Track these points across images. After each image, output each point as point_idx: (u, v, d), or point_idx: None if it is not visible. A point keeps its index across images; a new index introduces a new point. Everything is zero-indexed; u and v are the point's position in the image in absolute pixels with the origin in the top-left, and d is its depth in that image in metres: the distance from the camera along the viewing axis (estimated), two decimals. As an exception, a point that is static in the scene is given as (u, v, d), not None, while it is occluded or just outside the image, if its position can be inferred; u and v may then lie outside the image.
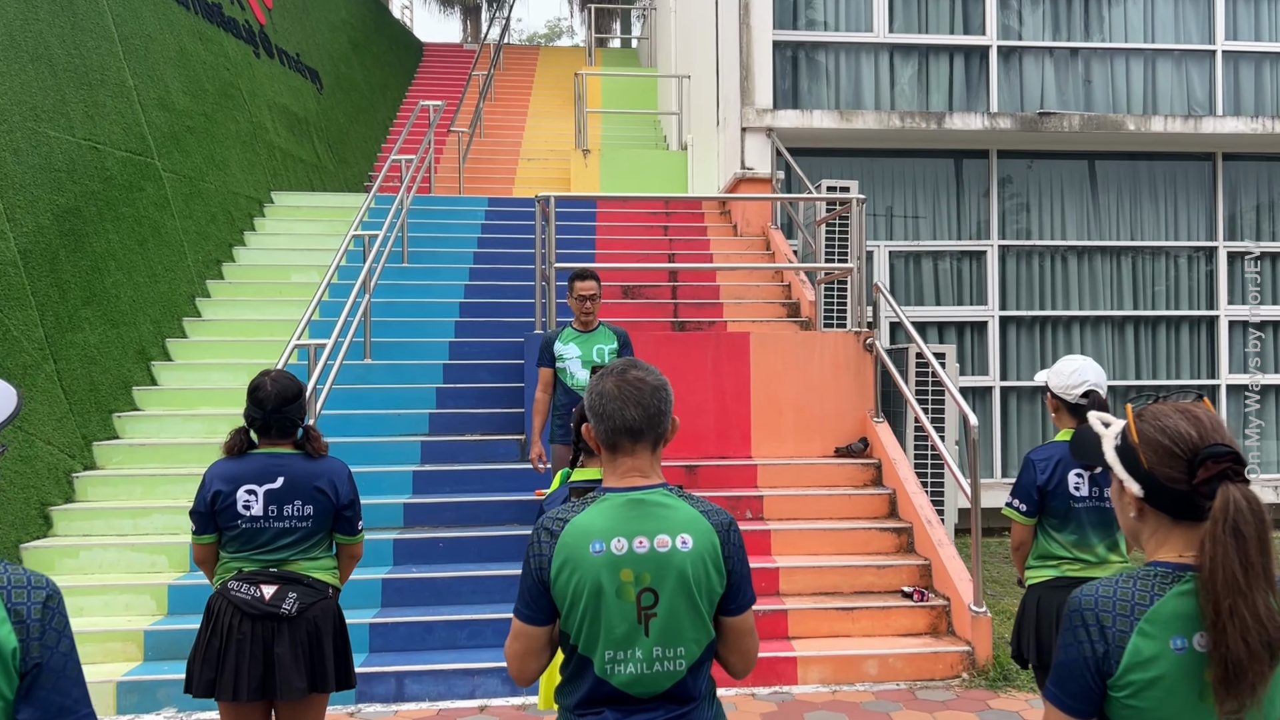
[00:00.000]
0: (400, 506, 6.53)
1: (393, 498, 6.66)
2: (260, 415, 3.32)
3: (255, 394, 3.33)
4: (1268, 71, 11.15)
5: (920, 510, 6.39)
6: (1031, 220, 11.02)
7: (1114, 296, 11.04)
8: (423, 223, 10.37)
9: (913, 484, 6.63)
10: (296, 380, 3.39)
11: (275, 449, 3.36)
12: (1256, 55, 11.11)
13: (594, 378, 2.18)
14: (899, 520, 6.62)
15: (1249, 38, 11.13)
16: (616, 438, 2.09)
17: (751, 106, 10.25)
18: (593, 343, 5.80)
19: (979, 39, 10.89)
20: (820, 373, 7.32)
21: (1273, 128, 10.51)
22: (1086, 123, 10.43)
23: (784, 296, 9.31)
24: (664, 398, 2.10)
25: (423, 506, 6.55)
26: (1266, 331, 11.11)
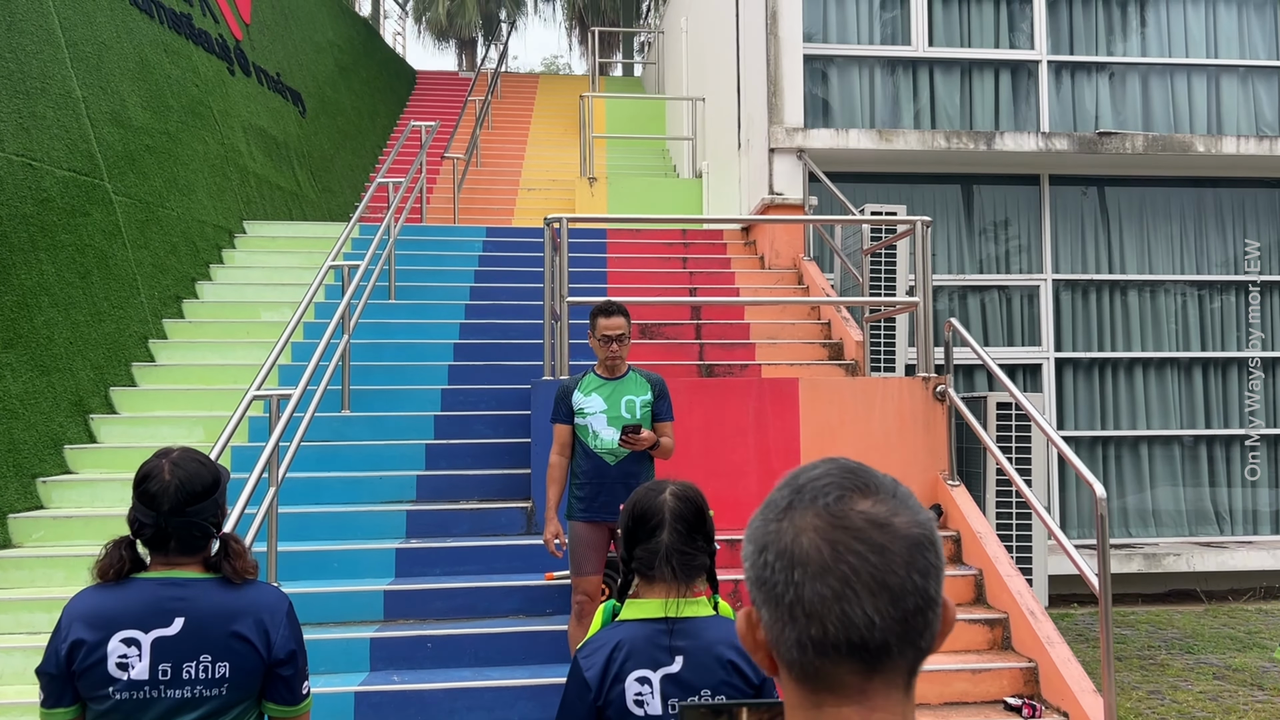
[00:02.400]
0: (380, 595, 5.32)
1: (371, 583, 5.45)
2: (152, 520, 2.14)
3: (145, 486, 2.15)
4: (1342, 89, 10.14)
5: (1019, 597, 5.20)
6: (1088, 252, 9.94)
7: (1180, 336, 9.93)
8: (413, 254, 9.24)
9: (1005, 563, 5.45)
10: (210, 465, 2.22)
11: (174, 572, 2.16)
12: (1330, 71, 10.11)
13: (765, 513, 0.99)
14: (989, 609, 5.43)
15: (1321, 52, 10.13)
16: (831, 660, 0.90)
17: (780, 125, 9.18)
18: (621, 393, 4.64)
19: (1027, 53, 9.87)
20: (883, 426, 6.16)
21: (1356, 149, 9.48)
22: (1151, 143, 9.39)
23: (823, 336, 8.18)
24: (929, 564, 0.92)
25: (407, 595, 5.34)
26: (1348, 374, 10.00)
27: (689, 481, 2.23)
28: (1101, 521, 4.46)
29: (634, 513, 2.16)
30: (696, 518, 2.16)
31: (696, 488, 2.21)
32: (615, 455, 4.55)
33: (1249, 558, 9.10)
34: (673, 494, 2.16)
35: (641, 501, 2.17)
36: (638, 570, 2.15)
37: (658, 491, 2.17)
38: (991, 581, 5.47)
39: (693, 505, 2.16)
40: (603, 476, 4.55)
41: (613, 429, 4.57)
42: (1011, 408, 6.14)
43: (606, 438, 4.56)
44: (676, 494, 2.16)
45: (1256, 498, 9.85)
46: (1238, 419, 9.85)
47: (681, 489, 2.18)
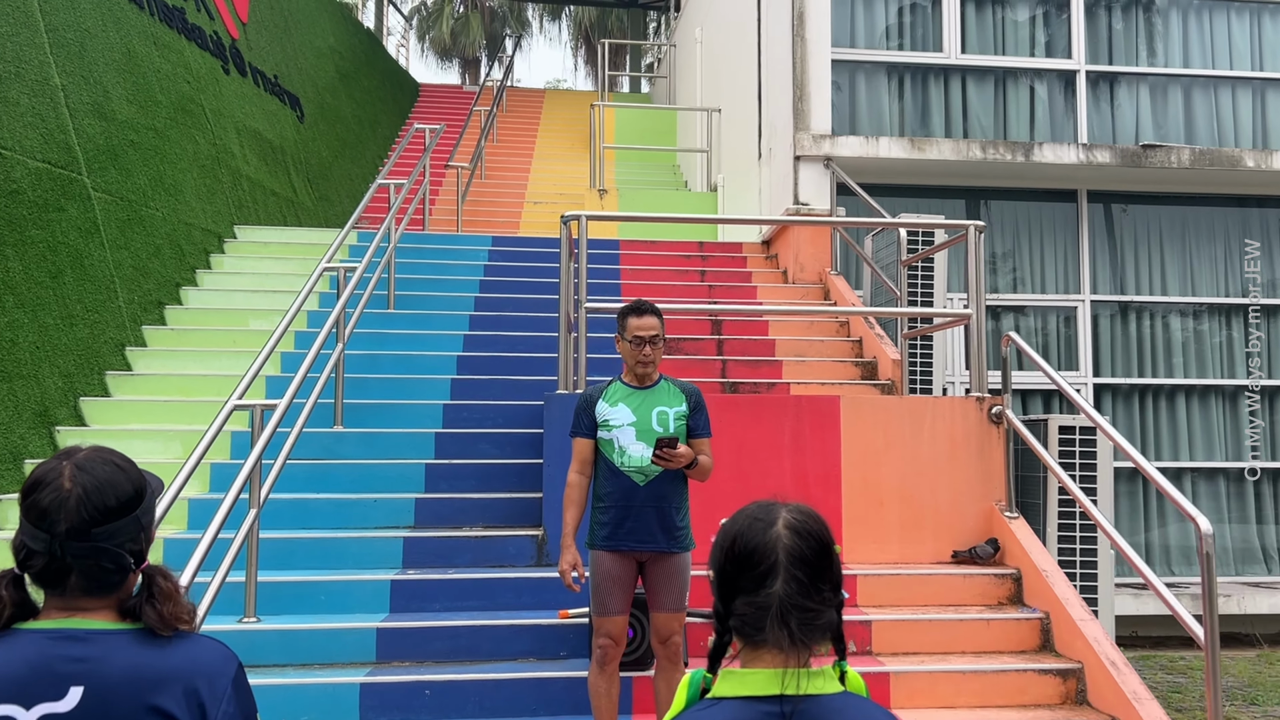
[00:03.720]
0: (372, 633, 4.68)
1: (362, 619, 4.82)
2: (45, 546, 1.52)
3: (35, 497, 1.53)
4: (1393, 105, 9.64)
5: (1095, 645, 4.58)
6: (1128, 272, 9.39)
7: (1224, 362, 9.37)
8: (414, 262, 8.67)
9: (1077, 606, 4.83)
10: (131, 470, 1.60)
11: (74, 621, 1.53)
12: (1381, 87, 9.62)
13: None
14: (1059, 658, 4.80)
15: (1371, 67, 9.64)
16: None
17: (807, 132, 8.65)
18: (652, 403, 4.04)
19: (1065, 63, 9.37)
20: (933, 451, 5.56)
21: None
22: (1198, 158, 8.86)
23: (854, 354, 7.59)
24: None
25: (403, 633, 4.71)
26: (1402, 405, 9.42)
27: (803, 504, 1.63)
28: (1208, 561, 3.85)
29: (734, 551, 1.56)
30: (821, 558, 1.56)
31: (817, 514, 1.60)
32: (645, 474, 3.95)
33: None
34: (788, 526, 1.56)
35: (745, 536, 1.56)
36: (739, 630, 1.55)
37: (766, 521, 1.57)
38: (1062, 626, 4.85)
39: (816, 542, 1.56)
40: (630, 499, 3.95)
41: (642, 444, 3.97)
42: (1075, 432, 5.55)
43: (635, 454, 3.96)
44: (794, 526, 1.56)
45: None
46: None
47: (799, 518, 1.57)
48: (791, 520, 1.57)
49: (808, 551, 1.55)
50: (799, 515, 1.58)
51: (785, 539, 1.55)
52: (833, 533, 1.59)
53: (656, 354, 4.04)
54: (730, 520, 1.62)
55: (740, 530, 1.58)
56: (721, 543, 1.60)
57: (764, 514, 1.59)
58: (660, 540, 3.95)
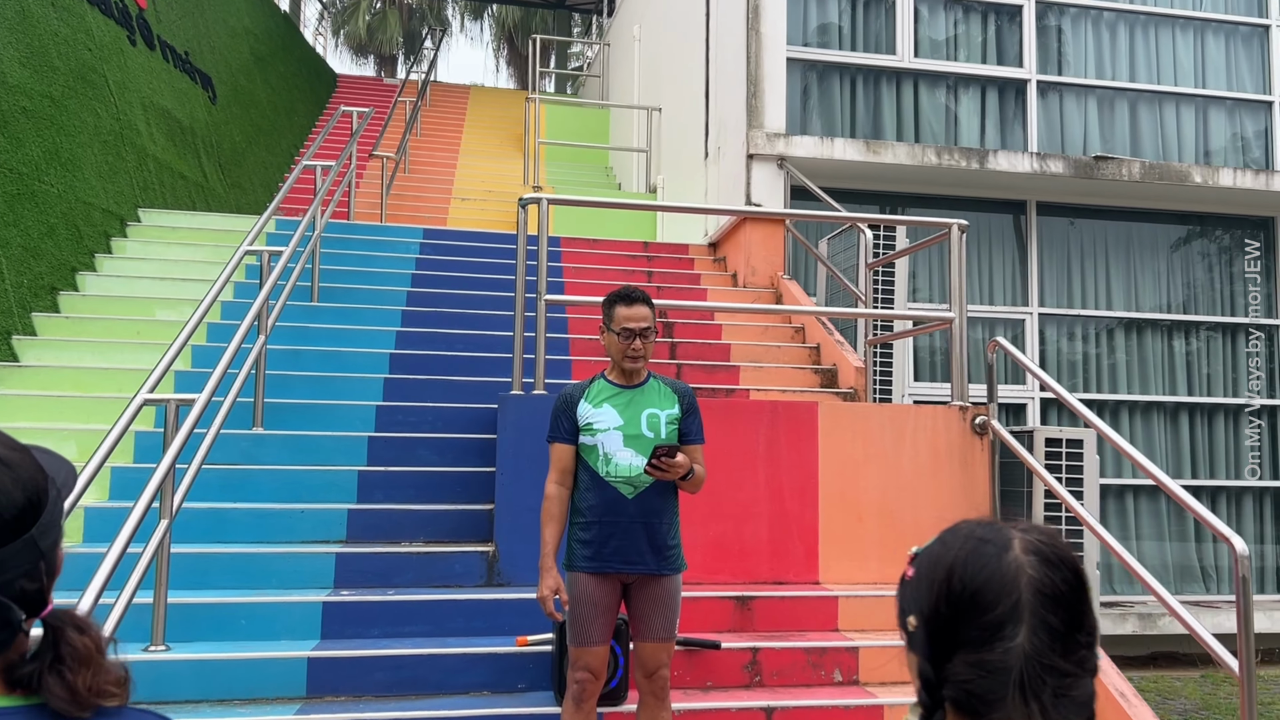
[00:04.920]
0: (302, 663, 4.08)
1: (290, 647, 4.20)
2: None
3: None
4: (1327, 129, 9.76)
5: (1101, 674, 4.25)
6: (1074, 286, 9.27)
7: (1166, 379, 9.31)
8: (339, 253, 8.02)
9: (1076, 631, 4.50)
10: (21, 470, 1.04)
11: None
12: (1315, 110, 9.73)
13: None
14: (1057, 685, 4.46)
15: (1307, 90, 9.75)
16: None
17: (760, 130, 8.29)
18: (641, 405, 3.56)
19: (1016, 71, 9.22)
20: (914, 463, 5.20)
21: (1350, 188, 9.05)
22: (1148, 171, 8.79)
23: (811, 360, 7.23)
24: None
25: (337, 664, 4.11)
26: (1332, 425, 9.50)
27: (1039, 523, 1.17)
28: (1244, 584, 3.54)
29: (953, 589, 1.10)
30: (1078, 597, 1.10)
31: (1056, 533, 1.15)
32: (634, 486, 3.47)
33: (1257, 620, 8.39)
34: (1031, 550, 1.10)
35: (969, 567, 1.09)
36: (960, 703, 1.08)
37: (997, 545, 1.10)
38: (1059, 652, 4.51)
39: (1070, 572, 1.10)
40: (617, 514, 3.45)
41: (630, 450, 3.48)
42: (1062, 445, 5.25)
43: (623, 462, 3.47)
44: (1039, 550, 1.10)
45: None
46: (1224, 470, 9.23)
47: (1043, 540, 1.11)
48: (1033, 543, 1.11)
49: (1062, 586, 1.09)
50: (1040, 537, 1.12)
51: (1030, 569, 1.09)
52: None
53: (648, 348, 3.57)
54: (939, 545, 1.16)
55: (960, 559, 1.11)
56: (930, 576, 1.13)
57: (990, 534, 1.13)
58: (650, 561, 3.47)
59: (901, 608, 1.17)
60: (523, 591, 4.64)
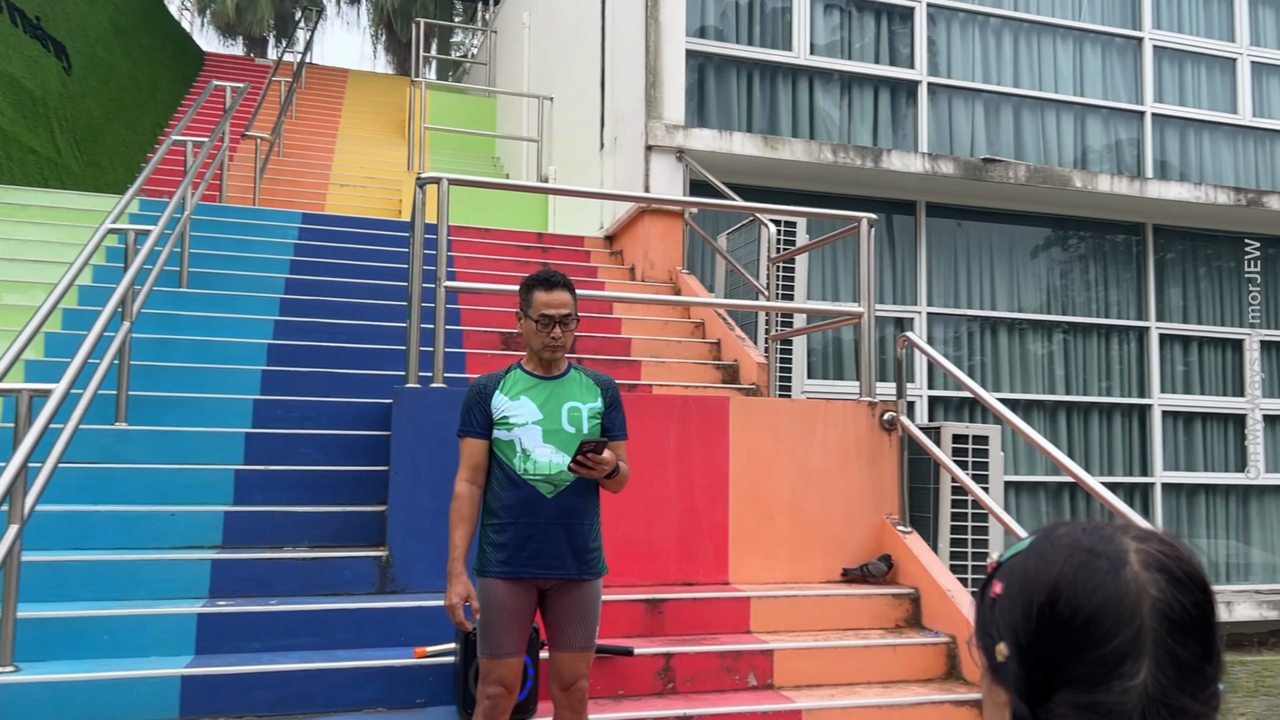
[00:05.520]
0: (175, 682, 3.68)
1: (162, 664, 3.79)
2: None
3: None
4: (1192, 140, 10.21)
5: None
6: (960, 286, 9.43)
7: (1046, 379, 9.56)
8: (211, 236, 7.48)
9: (989, 629, 4.46)
10: None
11: None
12: (1182, 121, 10.17)
13: None
14: (971, 686, 4.42)
15: (1174, 101, 10.18)
16: None
17: (659, 121, 8.12)
18: (562, 397, 3.31)
19: (908, 73, 9.32)
20: (824, 459, 5.10)
21: (1215, 197, 9.47)
22: (1033, 174, 8.99)
23: (712, 356, 7.10)
24: None
25: (217, 681, 3.73)
26: (1194, 423, 9.94)
27: (1158, 529, 0.98)
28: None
29: (1059, 614, 0.89)
30: (1209, 623, 0.91)
31: (1183, 545, 0.95)
32: (554, 484, 3.22)
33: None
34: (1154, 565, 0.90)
35: (1080, 587, 0.89)
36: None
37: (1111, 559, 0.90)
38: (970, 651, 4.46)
39: (1200, 592, 0.91)
40: (535, 515, 3.20)
41: (550, 446, 3.23)
42: (969, 441, 5.24)
43: (542, 459, 3.22)
44: (1163, 565, 0.90)
45: None
46: (1098, 467, 9.52)
47: (1165, 551, 0.92)
48: (1155, 556, 0.92)
49: (1192, 611, 0.90)
50: (1162, 548, 0.93)
51: (1154, 590, 0.89)
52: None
53: (568, 337, 3.32)
54: (1034, 556, 0.95)
55: (1067, 576, 0.91)
56: (1027, 596, 0.92)
57: (1100, 544, 0.93)
58: (570, 565, 3.23)
59: (985, 631, 0.96)
60: (420, 599, 4.33)
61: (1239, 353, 10.13)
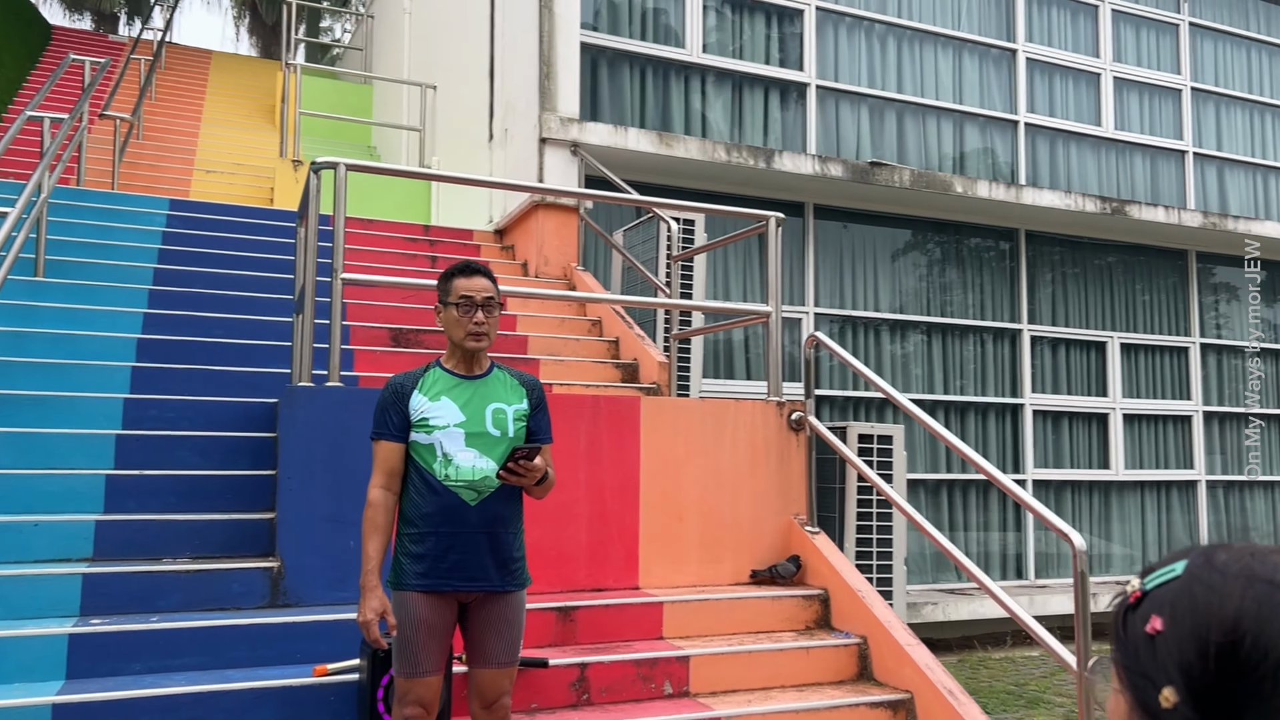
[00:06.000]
0: (45, 711, 3.31)
1: (29, 692, 3.41)
2: None
3: None
4: (1061, 149, 10.65)
5: (928, 671, 4.23)
6: (846, 287, 9.56)
7: (926, 379, 9.80)
8: (69, 222, 6.91)
9: (900, 629, 4.47)
10: None
11: None
12: (1052, 131, 10.59)
13: None
14: (882, 687, 4.41)
15: (1045, 112, 10.59)
16: None
17: (554, 113, 7.93)
18: (486, 397, 3.12)
19: (798, 75, 9.40)
20: (734, 460, 5.03)
21: (1083, 205, 9.88)
22: (917, 179, 9.19)
23: (611, 355, 6.96)
24: None
25: (93, 709, 3.37)
26: (1062, 422, 10.37)
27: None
28: (1081, 579, 3.57)
29: (1253, 653, 0.78)
30: None
31: None
32: (477, 491, 3.02)
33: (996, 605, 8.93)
34: None
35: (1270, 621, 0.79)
36: None
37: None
38: (884, 652, 4.46)
39: None
40: (457, 523, 3.00)
41: (474, 450, 3.03)
42: (874, 441, 5.26)
43: (465, 464, 3.02)
44: None
45: (989, 541, 9.85)
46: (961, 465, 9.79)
47: None
48: None
49: None
50: None
51: None
52: None
53: (492, 326, 3.13)
54: (1201, 587, 0.83)
55: (1250, 612, 0.79)
56: (1199, 635, 0.81)
57: (1274, 572, 0.83)
58: (494, 576, 3.04)
59: (1139, 672, 0.84)
60: (317, 613, 4.05)
61: (1102, 355, 10.61)
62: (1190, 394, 10.99)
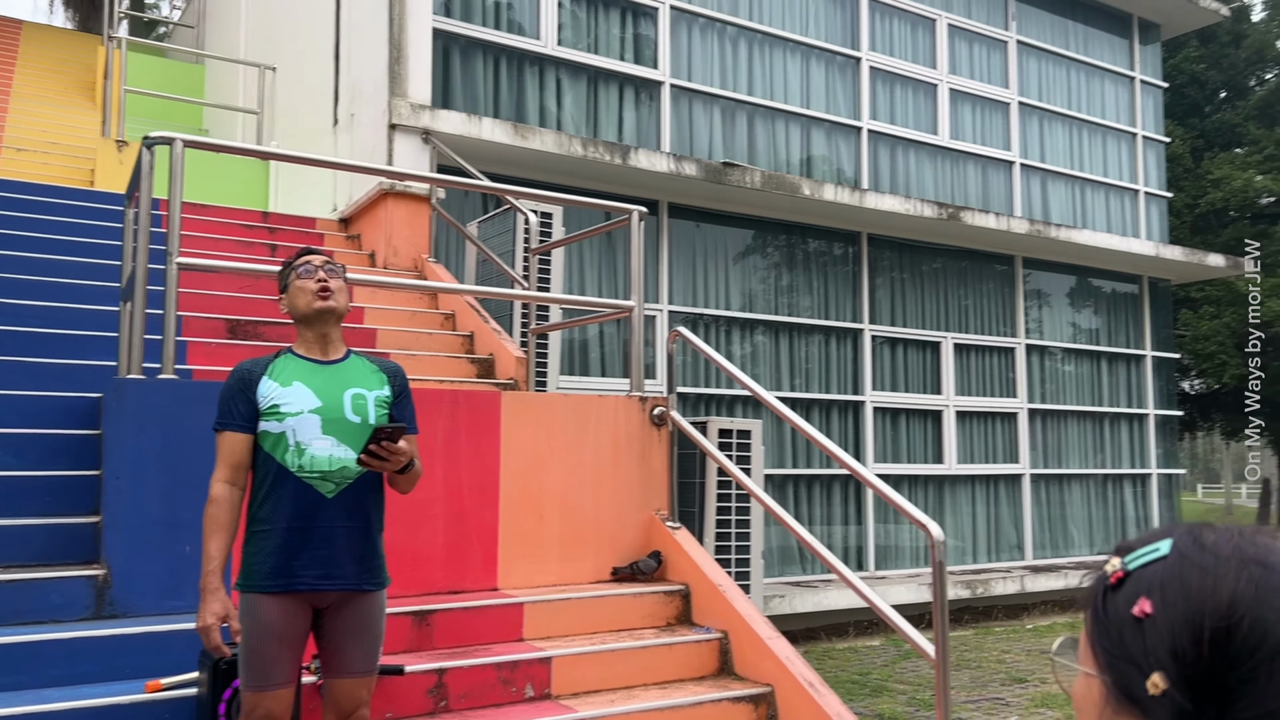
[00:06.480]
0: None
1: None
2: None
3: None
4: (900, 156, 11.05)
5: (789, 664, 4.25)
6: (699, 286, 9.64)
7: (774, 377, 9.98)
8: None
9: (762, 623, 4.48)
10: None
11: None
12: (893, 138, 10.98)
13: None
14: (743, 681, 4.41)
15: (886, 119, 10.97)
16: None
17: (404, 99, 7.66)
18: (343, 383, 2.92)
19: (652, 72, 9.42)
20: (595, 456, 4.94)
21: (922, 210, 10.28)
22: (768, 180, 9.34)
23: (465, 349, 6.75)
24: None
25: (-117, 741, 2.99)
26: (900, 418, 10.77)
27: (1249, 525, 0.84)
28: (939, 568, 3.65)
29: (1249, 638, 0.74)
30: None
31: None
32: (334, 482, 2.82)
33: (839, 596, 9.19)
34: None
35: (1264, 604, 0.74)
36: None
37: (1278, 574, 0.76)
38: (745, 646, 4.46)
39: None
40: (311, 518, 2.79)
41: (331, 439, 2.83)
42: (733, 435, 5.27)
43: (320, 453, 2.81)
44: None
45: (831, 534, 10.12)
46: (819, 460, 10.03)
47: None
48: None
49: None
50: None
51: None
52: None
53: (340, 292, 2.93)
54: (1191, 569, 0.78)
55: (1245, 595, 0.75)
56: (1192, 618, 0.76)
57: (1268, 555, 0.78)
58: (351, 575, 2.85)
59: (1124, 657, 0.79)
60: (147, 624, 3.72)
61: (937, 354, 11.06)
62: (1016, 392, 11.59)
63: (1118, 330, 12.76)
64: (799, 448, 9.95)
